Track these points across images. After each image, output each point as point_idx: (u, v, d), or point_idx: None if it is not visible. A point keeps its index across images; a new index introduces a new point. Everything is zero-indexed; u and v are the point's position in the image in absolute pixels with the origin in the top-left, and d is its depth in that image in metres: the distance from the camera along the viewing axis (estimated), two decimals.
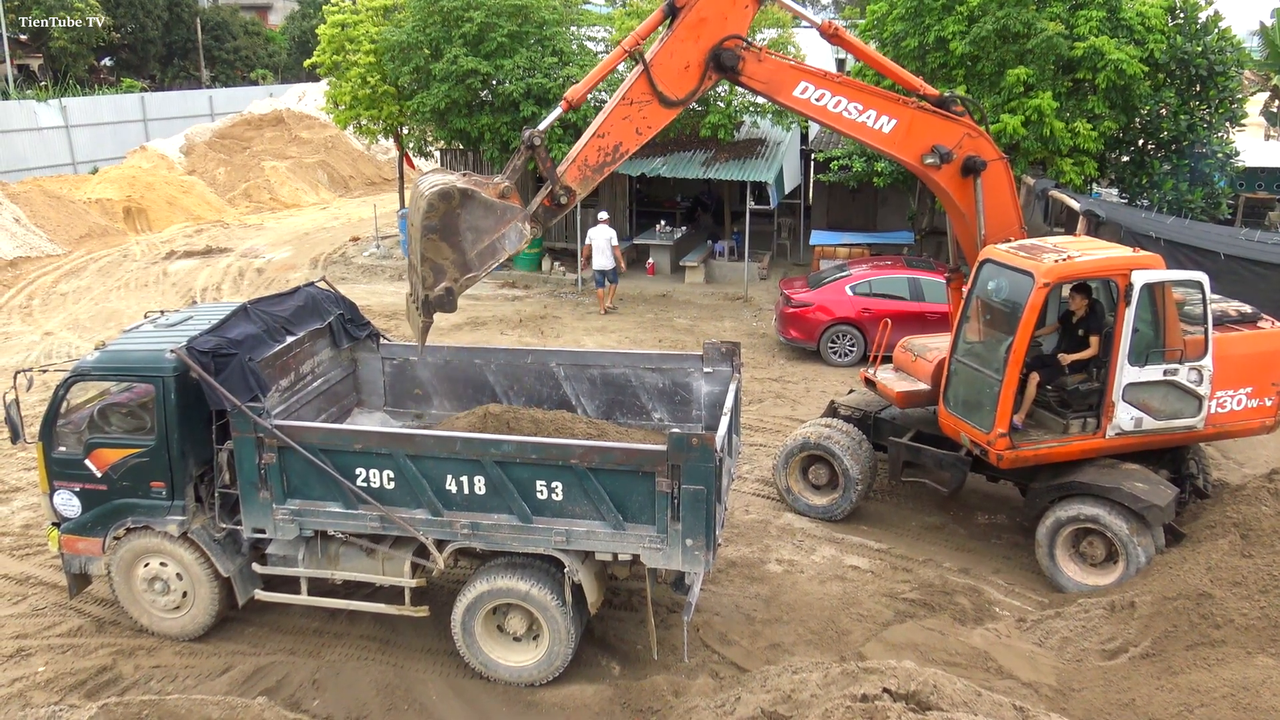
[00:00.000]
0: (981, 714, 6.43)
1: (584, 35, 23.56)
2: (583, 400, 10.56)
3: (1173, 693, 7.79)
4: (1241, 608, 8.37)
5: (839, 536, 11.41)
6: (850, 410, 12.24)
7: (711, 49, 9.33)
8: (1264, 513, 9.82)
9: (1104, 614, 9.14)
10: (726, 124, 21.74)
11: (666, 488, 7.97)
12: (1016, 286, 10.18)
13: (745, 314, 21.15)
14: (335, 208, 33.92)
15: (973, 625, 9.55)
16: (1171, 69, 19.23)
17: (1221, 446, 12.73)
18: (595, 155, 9.20)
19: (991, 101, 18.59)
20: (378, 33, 23.97)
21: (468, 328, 19.68)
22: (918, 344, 12.05)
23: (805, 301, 17.77)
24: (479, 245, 8.60)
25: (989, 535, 11.50)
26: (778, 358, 18.10)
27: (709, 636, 9.45)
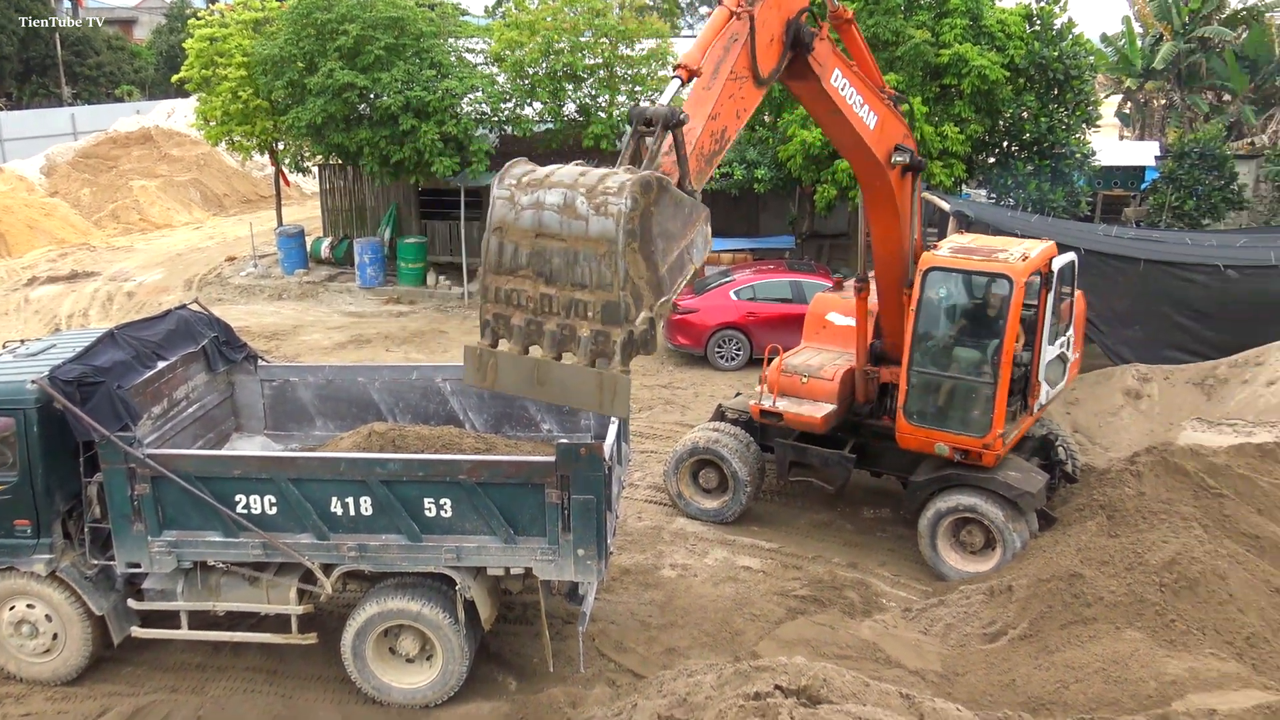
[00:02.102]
0: (870, 704, 6.59)
1: (462, 47, 23.39)
2: (470, 415, 10.47)
3: (1050, 670, 8.13)
4: (1110, 585, 8.77)
5: (731, 538, 11.56)
6: (737, 414, 12.42)
7: (789, 21, 8.06)
8: (1127, 494, 10.33)
9: (984, 599, 9.47)
10: (609, 134, 21.84)
11: (556, 499, 7.97)
12: (984, 289, 10.43)
13: None
14: (210, 227, 32.86)
15: (861, 618, 9.79)
16: (1031, 74, 20.11)
17: (1087, 432, 13.32)
18: (709, 142, 7.21)
19: None
20: (249, 46, 23.37)
21: (351, 346, 19.31)
22: (798, 364, 11.69)
23: (691, 308, 17.96)
24: (669, 257, 6.35)
25: (875, 529, 11.81)
26: (666, 364, 18.25)
27: (605, 645, 9.46)
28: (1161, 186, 23.13)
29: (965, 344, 10.70)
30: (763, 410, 11.47)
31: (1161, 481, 10.62)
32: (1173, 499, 10.23)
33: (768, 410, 11.43)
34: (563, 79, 22.04)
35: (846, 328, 11.62)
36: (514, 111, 22.25)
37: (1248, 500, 10.67)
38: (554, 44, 21.64)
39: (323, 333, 20.26)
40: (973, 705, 7.63)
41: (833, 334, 11.95)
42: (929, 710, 6.52)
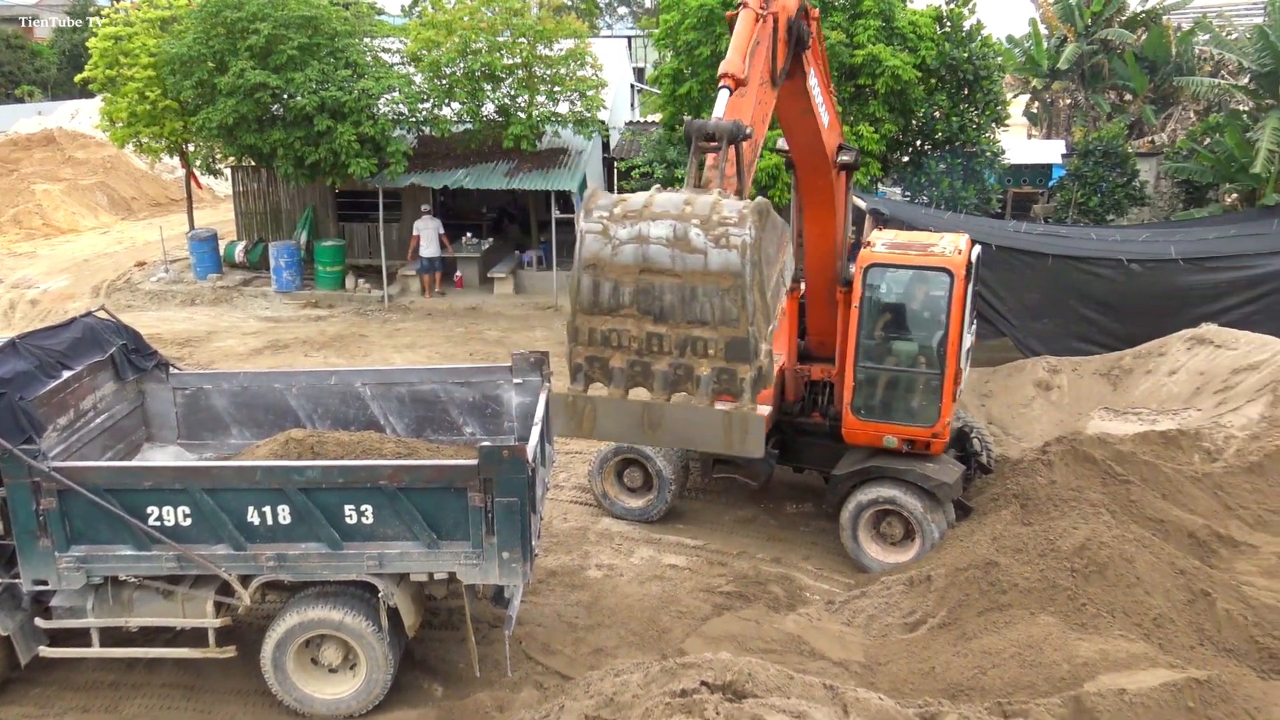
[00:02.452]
0: (794, 696, 6.67)
1: (378, 47, 23.07)
2: (391, 419, 10.34)
3: (968, 657, 8.32)
4: (1024, 572, 9.01)
5: (656, 537, 11.61)
6: None
7: (790, 20, 7.93)
8: (1039, 483, 10.63)
9: (904, 589, 9.66)
10: (529, 134, 21.75)
11: (480, 502, 7.92)
12: (925, 284, 10.60)
13: (556, 323, 21.20)
14: (118, 231, 31.88)
15: (786, 612, 9.91)
16: (942, 74, 20.55)
17: (1001, 424, 13.67)
18: (750, 151, 7.02)
19: None
20: (155, 46, 22.73)
21: (268, 352, 18.91)
22: None
23: None
24: (771, 282, 6.02)
25: (798, 524, 11.97)
26: None
27: (532, 648, 9.43)
28: (1068, 184, 23.81)
29: (909, 338, 10.88)
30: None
31: (1071, 470, 10.96)
32: (1082, 486, 10.56)
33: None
34: (481, 79, 21.88)
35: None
36: (432, 112, 22.03)
37: (1152, 486, 11.07)
38: (471, 44, 21.48)
39: (238, 338, 19.82)
40: (894, 694, 7.77)
41: None
42: (852, 700, 6.62)
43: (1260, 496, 11.12)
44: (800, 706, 6.34)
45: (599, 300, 5.91)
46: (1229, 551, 10.29)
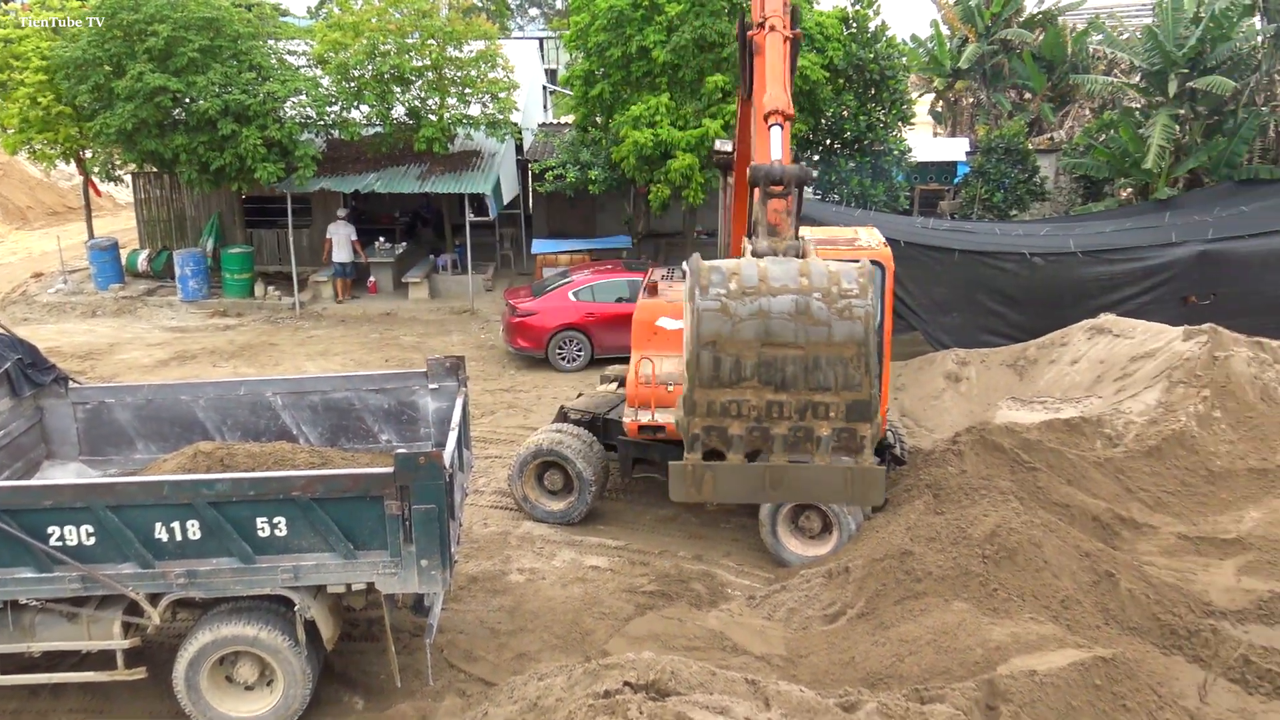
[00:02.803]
0: (717, 692, 6.74)
1: (283, 49, 22.61)
2: (304, 429, 10.14)
3: (886, 645, 8.49)
4: (938, 560, 9.23)
5: (578, 539, 11.59)
6: (580, 414, 12.46)
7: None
8: (950, 473, 10.90)
9: (823, 582, 9.81)
10: (440, 137, 21.55)
11: (397, 510, 7.80)
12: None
13: (473, 326, 21.05)
14: (12, 242, 30.68)
15: (708, 608, 9.98)
16: (849, 74, 20.93)
17: (913, 416, 13.97)
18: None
19: (694, 107, 19.49)
20: (48, 49, 21.92)
21: (175, 363, 18.40)
22: (663, 373, 11.32)
23: (530, 310, 17.93)
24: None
25: (718, 521, 12.05)
26: (508, 368, 18.14)
27: (454, 655, 9.34)
28: (972, 180, 24.46)
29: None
30: (642, 427, 11.02)
31: (981, 459, 11.26)
32: (991, 475, 10.86)
33: (648, 425, 11.00)
34: (390, 81, 21.61)
35: (678, 331, 11.53)
36: (340, 115, 21.69)
37: (1058, 472, 11.43)
38: (380, 46, 21.19)
39: (142, 350, 19.23)
40: (815, 685, 7.89)
41: (665, 339, 11.65)
42: (773, 693, 6.70)
43: (1158, 479, 11.57)
44: (723, 702, 6.40)
45: (719, 375, 5.91)
46: (1130, 533, 10.69)
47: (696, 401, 5.90)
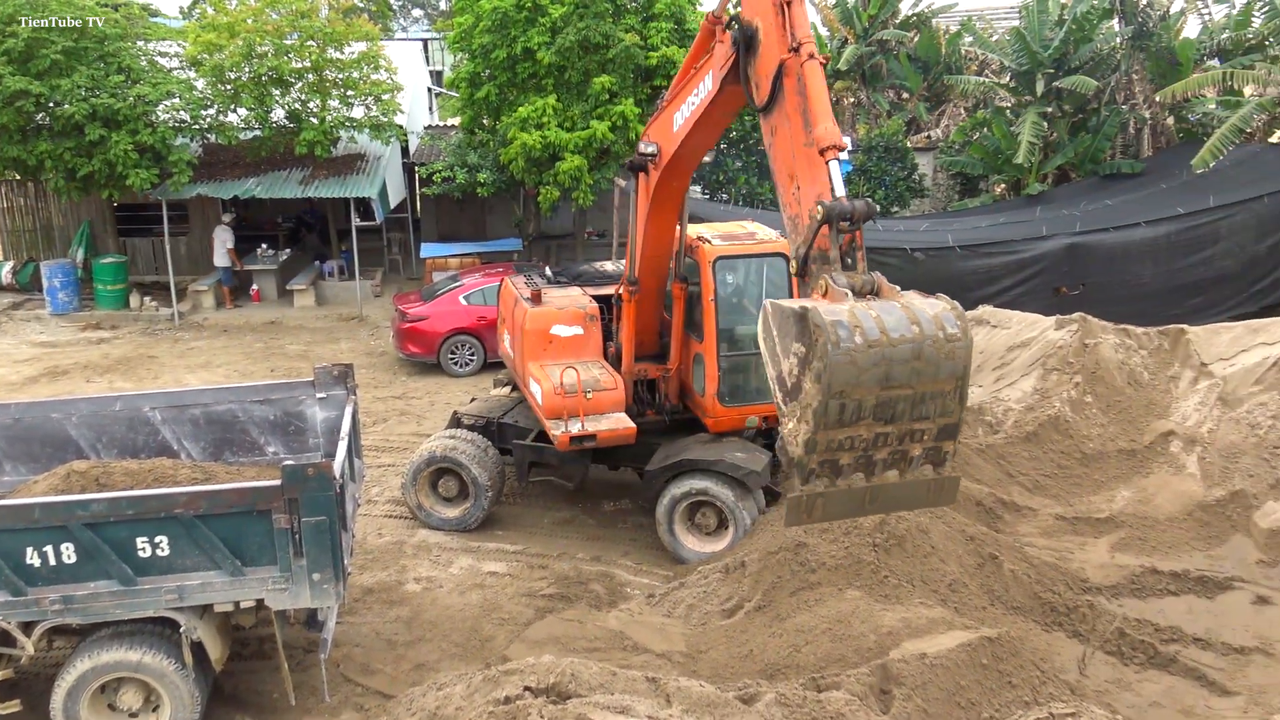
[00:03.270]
0: (618, 692, 6.75)
1: (154, 51, 21.79)
2: (186, 444, 9.79)
3: (783, 636, 8.63)
4: (831, 550, 9.42)
5: (475, 545, 11.48)
6: (473, 419, 12.34)
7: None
8: None
9: (721, 577, 9.92)
10: (323, 140, 21.07)
11: (286, 523, 7.60)
12: (767, 269, 11.16)
13: (362, 333, 20.65)
14: None
15: (608, 609, 10.00)
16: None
17: None
18: None
19: (581, 109, 19.50)
20: None
21: (45, 380, 17.56)
22: (569, 383, 10.89)
23: (421, 315, 17.68)
24: None
25: (615, 521, 12.09)
26: (399, 374, 17.86)
27: (350, 670, 9.15)
28: (855, 179, 25.05)
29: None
30: (573, 438, 10.74)
31: None
32: None
33: (579, 435, 10.73)
34: (268, 84, 21.03)
35: (574, 337, 11.39)
36: (216, 119, 21.02)
37: None
38: (256, 47, 20.59)
39: (9, 367, 18.31)
40: (715, 679, 7.98)
41: (561, 347, 11.41)
42: (674, 690, 6.75)
43: (1036, 463, 12.04)
44: (624, 702, 6.42)
45: (844, 419, 6.30)
46: (1012, 516, 11.11)
47: (818, 442, 6.29)
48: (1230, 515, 10.65)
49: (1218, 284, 18.05)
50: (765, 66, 7.69)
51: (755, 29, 7.84)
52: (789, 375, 6.36)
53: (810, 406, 6.15)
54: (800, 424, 6.27)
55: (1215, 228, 17.84)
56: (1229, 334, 12.85)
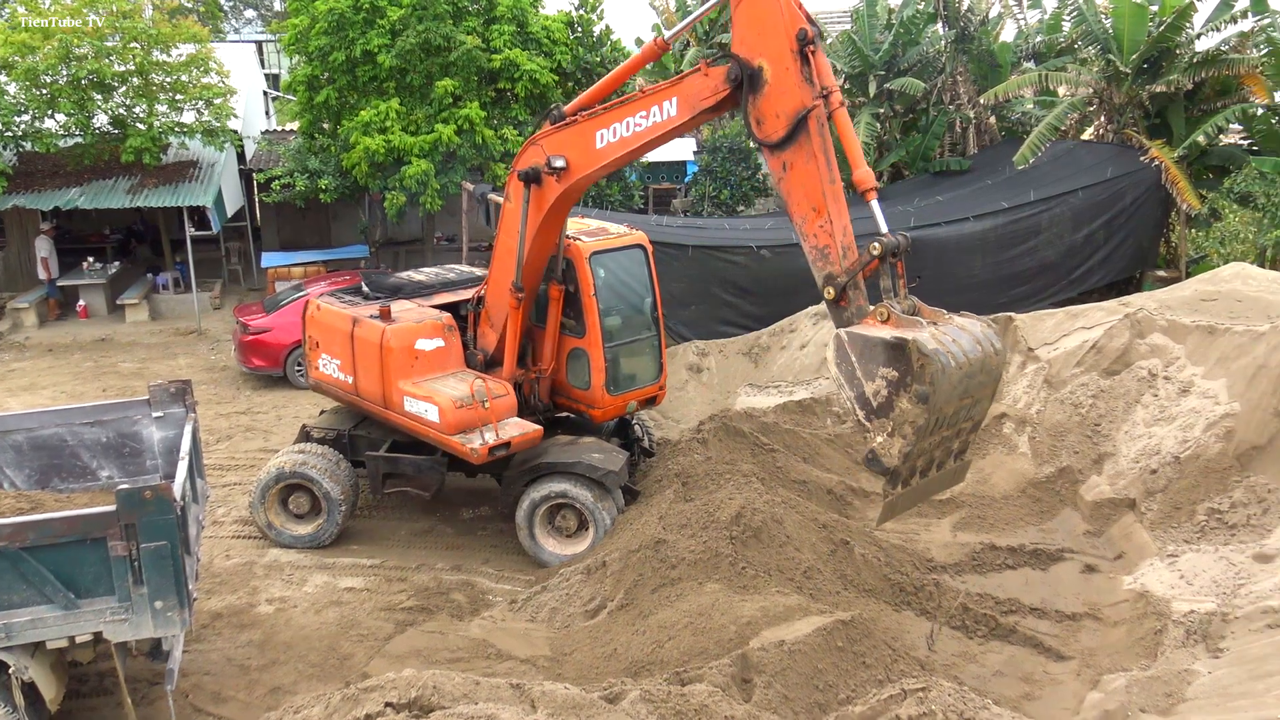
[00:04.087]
0: (482, 701, 6.68)
1: None
2: (8, 472, 9.17)
3: (646, 633, 8.72)
4: (690, 545, 9.57)
5: (330, 561, 11.16)
6: (323, 432, 11.99)
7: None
8: (696, 460, 11.33)
9: (583, 578, 9.94)
10: (151, 147, 20.10)
11: (123, 551, 7.20)
12: (629, 260, 11.67)
13: (201, 348, 19.79)
14: None
15: (470, 618, 9.88)
16: (579, 77, 21.27)
17: (659, 408, 14.37)
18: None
19: (425, 112, 19.20)
20: None
21: None
22: (460, 395, 10.54)
23: (264, 327, 17.06)
24: None
25: (475, 529, 11.96)
26: (243, 389, 17.19)
27: (201, 699, 8.75)
28: (701, 179, 25.49)
29: (630, 311, 11.72)
30: (491, 449, 10.38)
31: (724, 445, 11.78)
32: (735, 459, 11.39)
33: (497, 445, 10.41)
34: (89, 88, 19.94)
35: (437, 350, 11.11)
36: (32, 125, 19.79)
37: (795, 451, 12.15)
38: (74, 49, 19.47)
39: None
40: (581, 681, 8.00)
41: (427, 361, 11.08)
42: (539, 695, 6.72)
43: None
44: (488, 710, 6.36)
45: (932, 430, 7.19)
46: (861, 502, 11.52)
47: (914, 452, 7.18)
48: (1059, 490, 11.34)
49: (1040, 273, 19.16)
50: (776, 106, 8.03)
51: (760, 69, 8.08)
52: (875, 396, 7.13)
53: (913, 423, 6.99)
54: (895, 438, 7.10)
55: (1036, 220, 18.92)
56: (1052, 320, 13.65)
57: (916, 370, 6.88)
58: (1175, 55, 20.09)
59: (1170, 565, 9.40)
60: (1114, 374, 11.99)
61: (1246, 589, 8.53)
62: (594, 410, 11.52)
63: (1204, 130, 19.37)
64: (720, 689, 7.22)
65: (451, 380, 10.90)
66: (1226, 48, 20.13)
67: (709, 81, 8.46)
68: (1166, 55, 20.11)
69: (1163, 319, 12.06)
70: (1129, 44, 20.03)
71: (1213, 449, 10.22)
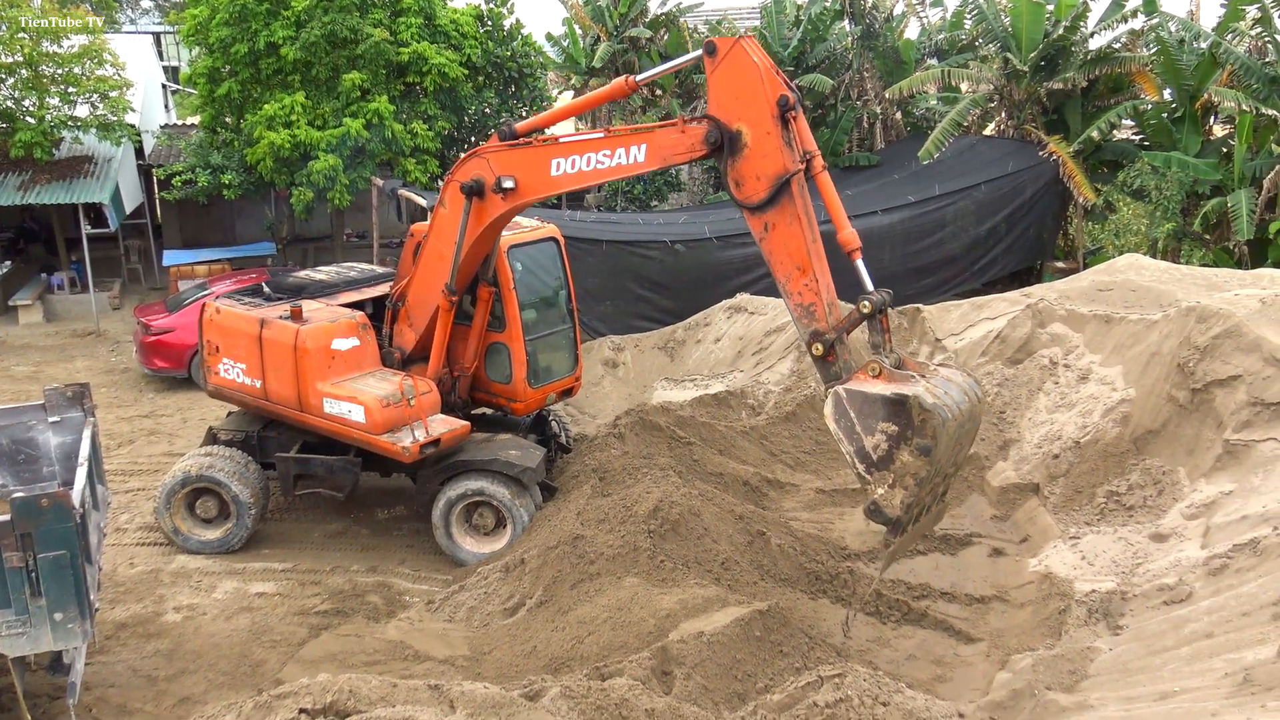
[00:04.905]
0: (399, 703, 6.58)
1: None
2: None
3: (565, 630, 8.70)
4: (608, 540, 9.58)
5: (240, 566, 10.88)
6: (231, 434, 11.68)
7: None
8: (614, 455, 11.35)
9: (501, 576, 9.88)
10: (42, 141, 19.33)
11: (19, 561, 6.94)
12: (543, 254, 11.71)
13: (100, 350, 19.11)
14: None
15: (387, 620, 9.74)
16: (489, 71, 21.10)
17: (576, 404, 14.36)
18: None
19: (332, 106, 18.83)
20: None
21: None
22: (385, 394, 10.39)
23: (167, 327, 16.56)
24: None
25: (390, 529, 11.79)
26: (146, 392, 16.66)
27: (105, 713, 8.46)
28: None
29: (546, 304, 11.78)
30: (422, 446, 10.25)
31: (641, 439, 11.82)
32: (651, 453, 11.43)
33: (427, 442, 10.28)
34: None
35: (354, 349, 10.88)
36: None
37: (711, 444, 12.24)
38: None
39: None
40: (500, 679, 7.95)
41: (344, 361, 10.83)
42: (457, 695, 6.66)
43: (796, 441, 12.71)
44: (406, 713, 6.28)
45: (932, 474, 7.37)
46: (776, 493, 11.67)
47: (912, 505, 7.39)
48: (967, 477, 11.63)
49: (946, 265, 19.65)
50: (757, 169, 8.11)
51: (739, 132, 8.13)
52: (875, 450, 7.33)
53: (915, 475, 7.23)
54: (896, 489, 7.31)
55: (941, 214, 19.40)
56: (957, 310, 14.00)
57: (918, 425, 7.14)
58: (1071, 53, 20.77)
59: (1072, 547, 9.73)
60: (1017, 363, 12.35)
61: (1144, 568, 8.88)
62: (515, 404, 11.48)
63: (1098, 126, 20.06)
64: (640, 682, 7.24)
65: (372, 380, 10.73)
66: (1119, 46, 20.89)
67: (684, 139, 8.52)
68: (1063, 53, 20.78)
69: (1062, 309, 12.45)
70: (1027, 42, 20.65)
71: (1110, 434, 10.60)
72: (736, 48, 8.15)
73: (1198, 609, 7.86)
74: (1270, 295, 10.70)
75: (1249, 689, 6.53)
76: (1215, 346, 10.12)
